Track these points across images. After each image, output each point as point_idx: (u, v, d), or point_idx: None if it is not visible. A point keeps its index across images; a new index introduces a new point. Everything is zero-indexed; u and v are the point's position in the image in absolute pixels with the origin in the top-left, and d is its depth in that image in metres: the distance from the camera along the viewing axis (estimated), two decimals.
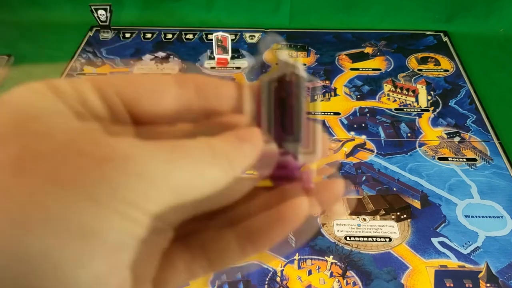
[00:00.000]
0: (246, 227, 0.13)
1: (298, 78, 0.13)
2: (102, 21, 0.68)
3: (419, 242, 0.41)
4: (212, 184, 0.11)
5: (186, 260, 0.13)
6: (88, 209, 0.09)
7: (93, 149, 0.10)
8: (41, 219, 0.09)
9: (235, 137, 0.12)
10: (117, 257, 0.10)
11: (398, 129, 0.54)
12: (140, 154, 0.10)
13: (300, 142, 0.13)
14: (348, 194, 0.46)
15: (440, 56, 0.65)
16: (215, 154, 0.11)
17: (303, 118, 0.13)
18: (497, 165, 0.49)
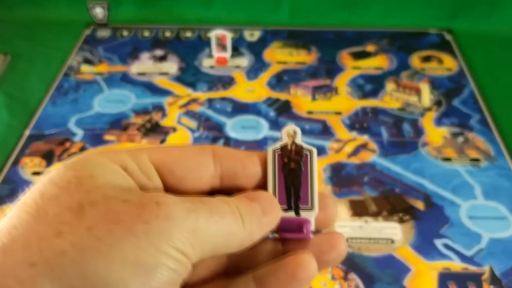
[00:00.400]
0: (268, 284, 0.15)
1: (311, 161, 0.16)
2: (99, 19, 0.68)
3: (422, 244, 0.41)
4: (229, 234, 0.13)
5: None
6: (144, 247, 0.11)
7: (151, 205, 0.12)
8: (97, 248, 0.11)
9: (245, 197, 0.15)
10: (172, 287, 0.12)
11: (401, 129, 0.53)
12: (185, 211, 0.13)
13: (314, 211, 0.16)
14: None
15: (443, 54, 0.64)
16: (233, 211, 0.14)
17: (315, 191, 0.16)
18: (501, 165, 0.48)
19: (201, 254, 0.13)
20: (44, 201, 0.12)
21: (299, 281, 0.15)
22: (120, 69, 0.62)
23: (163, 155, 0.15)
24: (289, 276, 0.15)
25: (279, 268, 0.15)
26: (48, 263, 0.11)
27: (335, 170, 0.48)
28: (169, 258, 0.12)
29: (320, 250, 0.15)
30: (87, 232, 0.11)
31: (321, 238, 0.16)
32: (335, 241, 0.16)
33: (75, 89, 0.59)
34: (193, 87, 0.59)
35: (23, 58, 0.64)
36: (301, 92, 0.58)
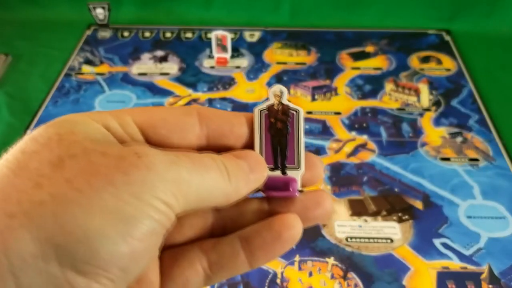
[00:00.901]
0: (252, 243, 0.15)
1: (297, 120, 0.16)
2: (100, 19, 0.68)
3: (421, 243, 0.41)
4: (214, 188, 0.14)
5: (204, 266, 0.15)
6: (124, 198, 0.11)
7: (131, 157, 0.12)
8: (76, 199, 0.11)
9: (232, 155, 0.15)
10: (151, 239, 0.12)
11: (400, 129, 0.53)
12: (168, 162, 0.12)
13: (300, 170, 0.16)
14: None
15: (442, 55, 0.65)
16: (218, 166, 0.14)
17: (302, 151, 0.16)
18: (500, 165, 0.48)
19: (185, 205, 0.13)
20: (24, 156, 0.12)
21: (284, 241, 0.15)
22: (121, 69, 0.62)
23: (146, 115, 0.15)
24: (274, 236, 0.15)
25: (264, 228, 0.15)
26: (26, 213, 0.11)
27: (334, 170, 0.48)
28: (151, 208, 0.12)
29: (305, 207, 0.15)
30: (66, 184, 0.11)
31: (306, 196, 0.16)
32: (321, 198, 0.16)
33: (76, 89, 0.59)
34: (194, 88, 0.59)
35: (24, 59, 0.64)
36: (301, 92, 0.59)
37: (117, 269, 0.11)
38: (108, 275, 0.11)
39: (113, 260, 0.11)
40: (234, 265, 0.15)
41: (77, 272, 0.11)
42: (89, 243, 0.11)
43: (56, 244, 0.10)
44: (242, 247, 0.15)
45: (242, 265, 0.15)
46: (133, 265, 0.12)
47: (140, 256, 0.12)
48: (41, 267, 0.10)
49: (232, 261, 0.15)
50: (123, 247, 0.11)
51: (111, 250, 0.11)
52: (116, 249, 0.11)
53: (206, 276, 0.15)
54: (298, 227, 0.15)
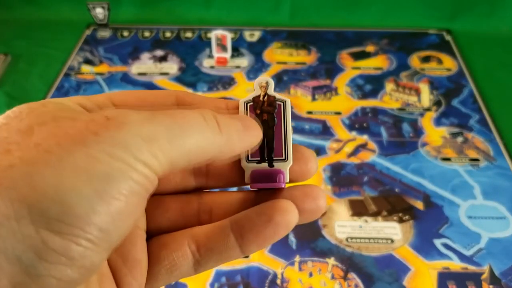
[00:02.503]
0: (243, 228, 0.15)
1: (284, 111, 0.15)
2: (100, 19, 0.68)
3: (422, 244, 0.41)
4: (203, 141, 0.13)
5: (192, 249, 0.15)
6: (96, 156, 0.11)
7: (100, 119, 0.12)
8: (46, 160, 0.11)
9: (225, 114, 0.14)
10: (130, 199, 0.11)
11: (400, 129, 0.53)
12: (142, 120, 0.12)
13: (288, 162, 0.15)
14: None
15: (443, 54, 0.64)
16: (205, 118, 0.13)
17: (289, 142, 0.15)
18: (501, 165, 0.48)
19: (170, 164, 0.12)
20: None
21: (276, 226, 0.14)
22: (120, 69, 0.62)
23: (123, 96, 0.14)
24: (265, 220, 0.14)
25: (256, 213, 0.15)
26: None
27: (334, 170, 0.48)
28: (126, 167, 0.11)
29: (294, 198, 0.15)
30: (35, 147, 0.11)
31: (296, 188, 0.15)
32: (310, 191, 0.15)
33: (75, 89, 0.59)
34: (194, 87, 0.59)
35: (23, 58, 0.64)
36: (301, 92, 0.58)
37: (96, 229, 0.11)
38: (86, 235, 0.10)
39: (90, 218, 0.10)
40: (224, 249, 0.15)
41: (52, 231, 0.10)
42: (62, 200, 0.10)
43: (28, 204, 0.10)
44: (232, 231, 0.15)
45: (232, 249, 0.15)
46: (113, 225, 0.11)
47: (119, 216, 0.11)
48: (15, 228, 0.10)
49: (222, 244, 0.15)
50: (98, 204, 0.11)
51: (86, 207, 0.10)
52: (91, 206, 0.10)
53: (195, 260, 0.15)
54: (292, 212, 0.14)
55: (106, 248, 0.11)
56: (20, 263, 0.10)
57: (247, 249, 0.15)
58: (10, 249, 0.10)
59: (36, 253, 0.10)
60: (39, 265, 0.10)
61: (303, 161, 0.15)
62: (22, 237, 0.10)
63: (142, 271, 0.14)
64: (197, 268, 0.15)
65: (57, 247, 0.10)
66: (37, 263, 0.10)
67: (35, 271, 0.10)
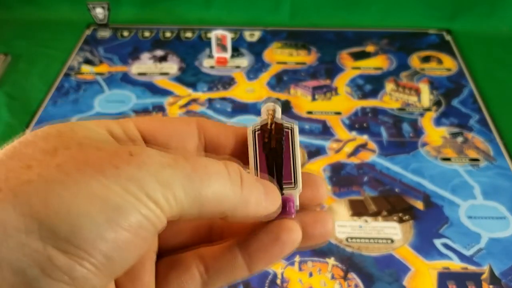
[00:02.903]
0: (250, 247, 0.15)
1: (292, 137, 0.16)
2: (100, 19, 0.68)
3: (422, 244, 0.41)
4: (224, 199, 0.13)
5: (200, 270, 0.15)
6: (112, 188, 0.11)
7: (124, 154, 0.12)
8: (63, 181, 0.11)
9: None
10: (138, 232, 0.11)
11: (400, 129, 0.53)
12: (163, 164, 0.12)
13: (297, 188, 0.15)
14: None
15: (443, 54, 0.64)
16: (229, 171, 0.13)
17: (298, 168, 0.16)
18: (501, 165, 0.48)
19: (181, 211, 0.12)
20: (21, 145, 0.12)
21: (283, 245, 0.14)
22: (120, 69, 0.62)
23: (148, 122, 0.15)
24: (272, 238, 0.15)
25: (262, 231, 0.15)
26: (12, 189, 0.11)
27: (334, 170, 0.48)
28: (138, 202, 0.11)
29: (304, 224, 0.15)
30: (55, 168, 0.11)
31: (306, 214, 0.15)
32: (320, 217, 0.15)
33: (75, 89, 0.59)
34: (193, 87, 0.59)
35: (23, 58, 0.64)
36: (301, 92, 0.58)
37: (101, 255, 0.11)
38: (91, 260, 0.11)
39: (96, 243, 0.11)
40: (232, 269, 0.15)
41: (59, 250, 0.11)
42: (72, 222, 0.11)
43: (39, 220, 0.10)
44: (240, 251, 0.15)
45: (240, 269, 0.15)
46: (118, 255, 0.11)
47: (125, 247, 0.11)
48: (23, 240, 0.10)
49: (230, 264, 0.15)
50: (107, 231, 0.11)
51: (94, 232, 0.11)
52: (99, 232, 0.11)
53: (203, 281, 0.15)
54: (297, 231, 0.15)
55: (108, 274, 0.11)
56: (24, 276, 0.10)
57: (255, 268, 0.15)
58: (15, 261, 0.10)
59: (40, 268, 0.10)
60: (42, 280, 0.10)
61: (315, 188, 0.16)
62: (29, 251, 0.10)
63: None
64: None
65: (61, 265, 0.11)
66: (40, 278, 0.10)
67: (38, 285, 0.10)
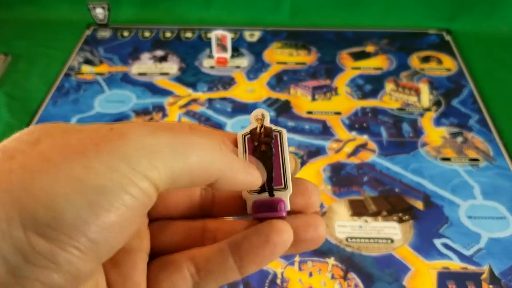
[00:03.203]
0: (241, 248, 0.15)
1: (280, 142, 0.16)
2: (100, 19, 0.68)
3: (422, 244, 0.41)
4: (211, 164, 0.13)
5: (192, 271, 0.15)
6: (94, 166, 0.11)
7: (104, 130, 0.12)
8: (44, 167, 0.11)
9: None
10: (125, 213, 0.11)
11: (400, 129, 0.53)
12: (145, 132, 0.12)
13: (288, 190, 0.16)
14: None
15: (442, 54, 0.64)
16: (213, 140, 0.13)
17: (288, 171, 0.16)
18: (500, 165, 0.48)
19: (171, 179, 0.12)
20: (7, 141, 0.12)
21: (273, 245, 0.14)
22: (120, 69, 0.62)
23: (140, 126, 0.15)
24: (262, 239, 0.14)
25: (253, 233, 0.15)
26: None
27: (334, 170, 0.48)
28: (123, 178, 0.11)
29: (296, 227, 0.15)
30: (37, 155, 0.11)
31: (298, 218, 0.15)
32: (313, 221, 0.15)
33: (75, 89, 0.59)
34: (194, 88, 0.59)
35: (24, 58, 0.64)
36: (301, 92, 0.58)
37: (85, 239, 0.11)
38: (74, 243, 0.11)
39: (79, 227, 0.11)
40: (223, 270, 0.15)
41: (40, 235, 0.10)
42: (52, 206, 0.10)
43: (20, 207, 0.10)
44: (231, 252, 0.15)
45: (231, 270, 0.15)
46: (103, 237, 0.11)
47: (110, 228, 0.11)
48: (4, 229, 0.10)
49: (221, 266, 0.15)
50: (89, 214, 0.11)
51: (76, 216, 0.11)
52: (81, 215, 0.11)
53: (194, 282, 0.15)
54: (288, 232, 0.15)
55: (94, 257, 0.11)
56: (6, 264, 0.10)
57: (246, 270, 0.15)
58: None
59: (23, 255, 0.10)
60: (25, 268, 0.10)
61: (307, 194, 0.16)
62: (10, 238, 0.10)
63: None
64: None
65: (43, 252, 0.10)
66: (23, 265, 0.10)
67: (21, 273, 0.10)
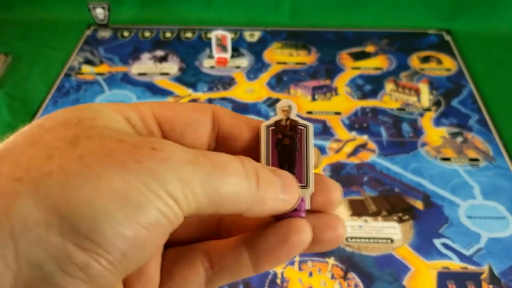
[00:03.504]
0: (257, 246, 0.14)
1: (306, 136, 0.15)
2: (100, 19, 0.68)
3: (421, 244, 0.41)
4: (240, 199, 0.13)
5: (205, 266, 0.15)
6: (133, 183, 0.11)
7: (147, 148, 0.12)
8: (85, 175, 0.11)
9: (268, 168, 0.14)
10: (155, 230, 0.11)
11: (400, 129, 0.53)
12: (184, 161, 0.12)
13: (309, 189, 0.15)
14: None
15: (442, 55, 0.65)
16: (246, 170, 0.13)
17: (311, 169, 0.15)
18: (500, 165, 0.48)
19: (197, 208, 0.12)
20: (41, 131, 0.12)
21: (291, 246, 0.14)
22: (120, 69, 0.62)
23: (165, 111, 0.15)
24: (280, 240, 0.14)
25: (270, 232, 0.14)
26: (33, 181, 0.11)
27: (334, 170, 0.48)
28: (158, 199, 0.11)
29: (315, 228, 0.14)
30: (77, 159, 0.11)
31: (318, 218, 0.15)
32: (333, 222, 0.15)
33: (76, 89, 0.59)
34: (194, 88, 0.59)
35: (24, 59, 0.64)
36: (301, 92, 0.59)
37: (118, 253, 0.11)
38: (108, 257, 0.11)
39: (115, 241, 0.11)
40: (237, 267, 0.15)
41: (77, 246, 0.10)
42: (93, 218, 0.10)
43: (60, 214, 0.10)
44: (247, 250, 0.15)
45: (245, 267, 0.14)
46: (135, 252, 0.11)
47: (142, 245, 0.11)
48: (42, 235, 0.10)
49: (235, 263, 0.15)
50: (127, 229, 0.11)
51: (115, 230, 0.11)
52: (119, 230, 0.11)
53: (208, 277, 0.15)
54: (307, 232, 0.14)
55: (122, 272, 0.11)
56: (41, 271, 0.10)
57: (261, 267, 0.14)
58: (33, 255, 0.10)
59: (58, 263, 0.10)
60: (58, 276, 0.10)
61: (328, 193, 0.15)
62: (47, 245, 0.10)
63: (153, 286, 0.15)
64: (208, 285, 0.15)
65: (78, 262, 0.10)
66: (56, 274, 0.10)
67: (53, 281, 0.10)
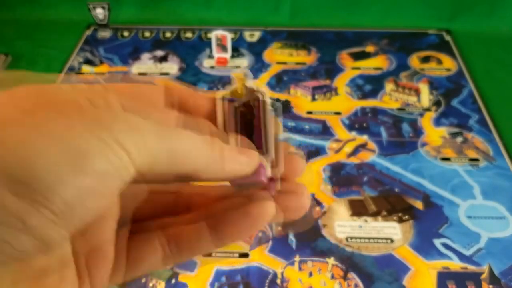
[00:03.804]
0: (218, 220, 0.14)
1: (262, 103, 0.15)
2: (100, 19, 0.68)
3: (421, 244, 0.41)
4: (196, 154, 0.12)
5: (162, 243, 0.14)
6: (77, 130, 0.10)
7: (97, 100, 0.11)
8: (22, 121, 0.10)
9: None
10: (102, 180, 0.11)
11: (400, 129, 0.53)
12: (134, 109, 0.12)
13: (269, 155, 0.15)
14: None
15: (442, 55, 0.65)
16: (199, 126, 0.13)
17: (269, 135, 0.15)
18: (500, 165, 0.48)
19: (150, 162, 0.11)
20: None
21: (253, 219, 0.14)
22: (120, 69, 0.62)
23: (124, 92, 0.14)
24: (242, 213, 0.14)
25: (231, 204, 0.14)
26: None
27: (334, 170, 0.48)
28: (105, 147, 0.10)
29: (279, 196, 0.14)
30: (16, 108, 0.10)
31: (281, 187, 0.14)
32: (296, 188, 0.14)
33: None
34: (194, 88, 0.59)
35: (24, 59, 0.64)
36: (301, 92, 0.59)
37: (61, 201, 0.10)
38: (49, 205, 0.10)
39: (56, 188, 0.10)
40: (196, 242, 0.14)
41: (13, 193, 0.10)
42: (30, 162, 0.10)
43: None
44: (207, 225, 0.14)
45: (205, 242, 0.14)
46: (80, 203, 0.10)
47: (88, 195, 0.10)
48: None
49: (194, 238, 0.14)
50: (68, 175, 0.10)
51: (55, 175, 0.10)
52: (60, 175, 0.10)
53: (165, 253, 0.14)
54: (268, 204, 0.14)
55: (67, 223, 0.10)
56: None
57: (221, 242, 0.14)
58: None
59: None
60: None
61: (291, 161, 0.15)
62: None
63: (107, 262, 0.14)
64: (166, 261, 0.14)
65: (16, 211, 0.10)
66: None
67: None
